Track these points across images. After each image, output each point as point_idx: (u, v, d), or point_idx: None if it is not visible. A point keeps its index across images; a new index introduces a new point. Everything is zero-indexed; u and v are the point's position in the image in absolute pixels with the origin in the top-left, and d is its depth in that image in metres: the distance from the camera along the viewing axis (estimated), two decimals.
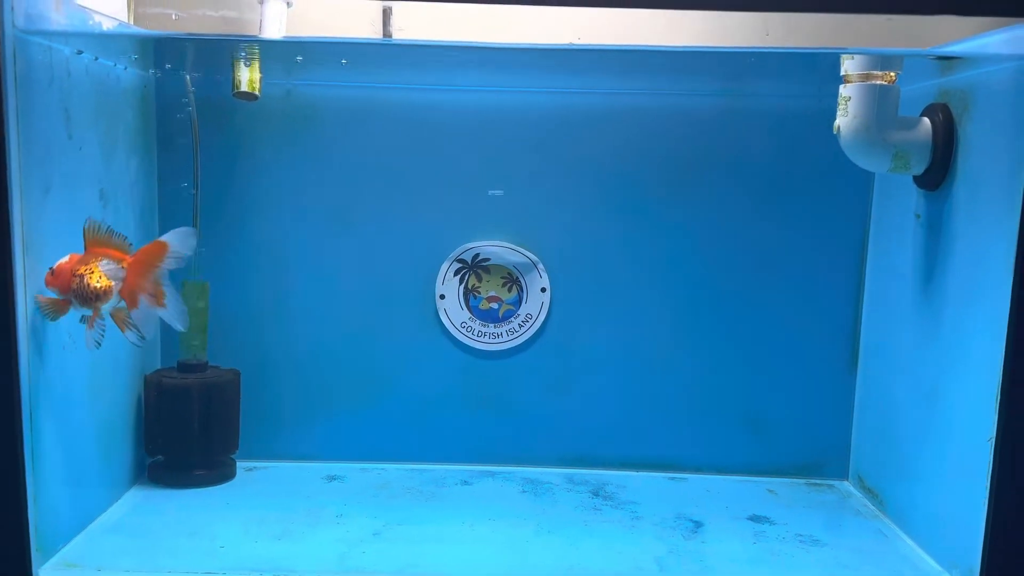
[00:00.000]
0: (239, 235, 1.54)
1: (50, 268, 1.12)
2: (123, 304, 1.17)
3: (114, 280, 1.15)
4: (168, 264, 1.18)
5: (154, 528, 1.32)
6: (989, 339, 1.15)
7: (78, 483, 1.28)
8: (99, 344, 1.16)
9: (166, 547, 1.26)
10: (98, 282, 1.12)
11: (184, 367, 1.50)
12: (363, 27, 1.31)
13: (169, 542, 1.27)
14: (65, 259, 1.13)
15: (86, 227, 1.14)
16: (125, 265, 1.16)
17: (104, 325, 1.16)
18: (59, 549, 1.22)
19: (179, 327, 1.21)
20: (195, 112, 1.49)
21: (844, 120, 1.31)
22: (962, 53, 1.22)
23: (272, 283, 1.58)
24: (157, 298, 1.18)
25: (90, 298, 1.12)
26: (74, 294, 1.12)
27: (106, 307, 1.15)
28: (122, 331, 1.18)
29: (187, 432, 1.46)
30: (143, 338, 1.19)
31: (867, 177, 1.55)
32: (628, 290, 1.59)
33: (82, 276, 1.12)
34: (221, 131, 1.54)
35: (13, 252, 1.06)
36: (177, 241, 1.19)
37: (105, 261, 1.15)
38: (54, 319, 1.14)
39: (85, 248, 1.15)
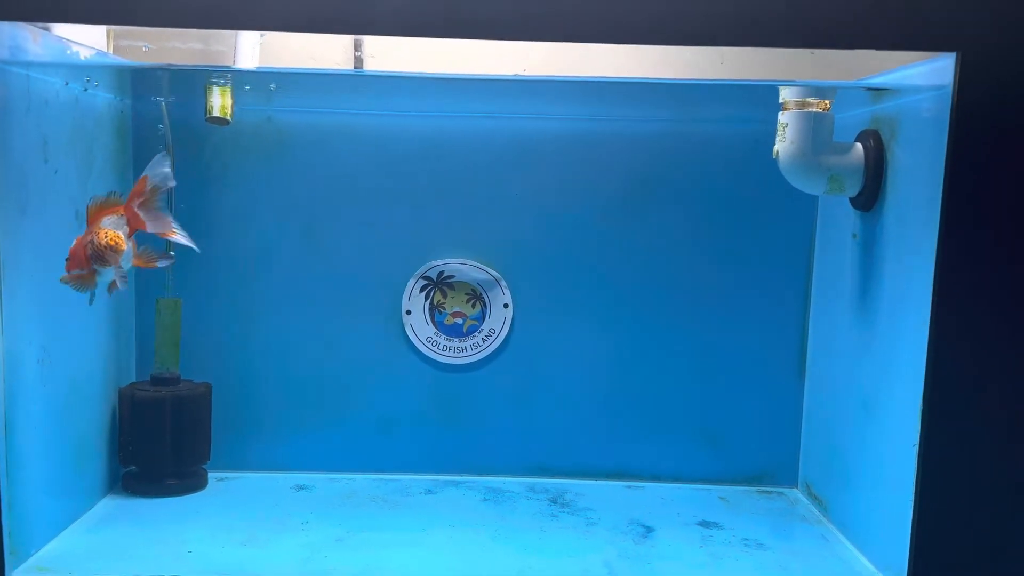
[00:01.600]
0: (212, 253, 1.57)
1: (65, 258, 1.19)
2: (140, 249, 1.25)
3: (119, 230, 1.21)
4: (159, 194, 1.26)
5: (125, 534, 1.37)
6: (915, 350, 1.21)
7: (53, 491, 1.33)
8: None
9: (136, 552, 1.31)
10: (105, 238, 1.19)
11: (157, 380, 1.54)
12: (337, 55, 1.37)
13: (139, 548, 1.32)
14: (73, 243, 1.20)
15: (88, 205, 1.22)
16: (122, 213, 1.23)
17: (126, 277, 1.23)
18: (32, 553, 1.27)
19: (195, 248, 1.30)
20: (170, 136, 1.56)
21: (782, 145, 1.39)
22: (888, 84, 1.30)
23: (243, 300, 1.63)
24: (164, 228, 1.26)
25: (106, 255, 1.19)
26: (94, 261, 1.18)
27: (125, 258, 1.21)
28: (154, 266, 1.27)
29: (160, 443, 1.51)
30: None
31: (812, 198, 1.62)
32: (587, 306, 1.65)
33: (91, 241, 1.18)
34: (195, 154, 1.60)
35: None
36: (154, 169, 1.26)
37: (105, 220, 1.21)
38: (87, 290, 1.21)
39: (88, 224, 1.22)
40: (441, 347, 1.66)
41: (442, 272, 1.65)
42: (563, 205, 1.63)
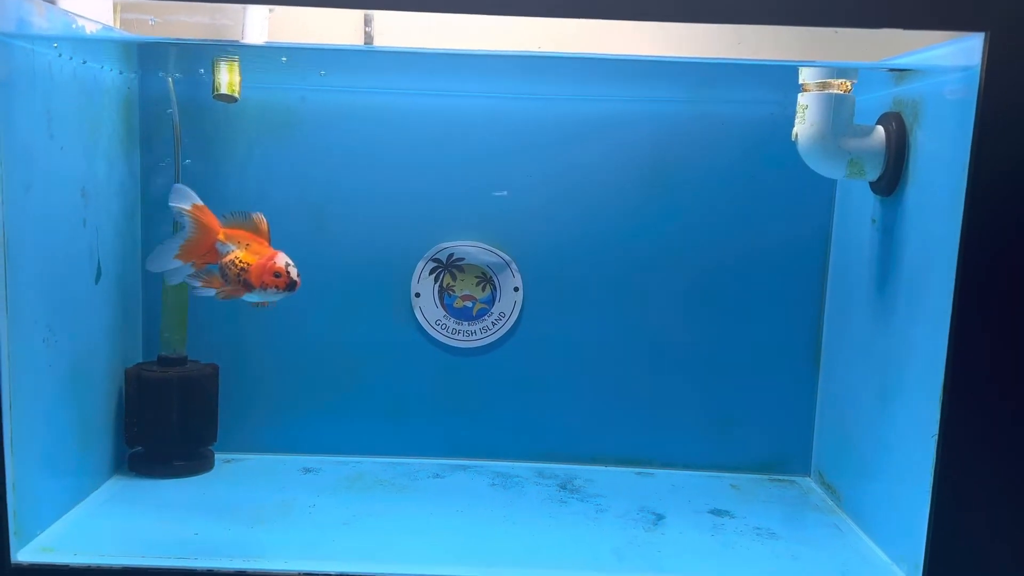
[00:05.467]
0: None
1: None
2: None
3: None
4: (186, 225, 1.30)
5: (131, 516, 1.36)
6: (934, 339, 1.18)
7: (58, 471, 1.32)
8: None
9: (141, 534, 1.29)
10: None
11: (164, 361, 1.53)
12: (345, 31, 1.34)
13: (145, 529, 1.31)
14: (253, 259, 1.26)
15: (231, 220, 1.28)
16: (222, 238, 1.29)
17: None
18: (37, 535, 1.26)
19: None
20: (177, 114, 1.53)
21: (802, 127, 1.35)
22: (912, 66, 1.27)
23: None
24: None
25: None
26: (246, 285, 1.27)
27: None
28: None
29: (166, 424, 1.49)
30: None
31: (829, 183, 1.59)
32: (598, 290, 1.62)
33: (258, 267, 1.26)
34: (202, 132, 1.57)
35: None
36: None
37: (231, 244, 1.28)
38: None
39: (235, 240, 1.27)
40: (450, 330, 1.63)
41: (452, 254, 1.62)
42: (576, 187, 1.61)
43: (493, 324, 1.63)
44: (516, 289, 1.62)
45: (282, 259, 1.24)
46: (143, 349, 1.61)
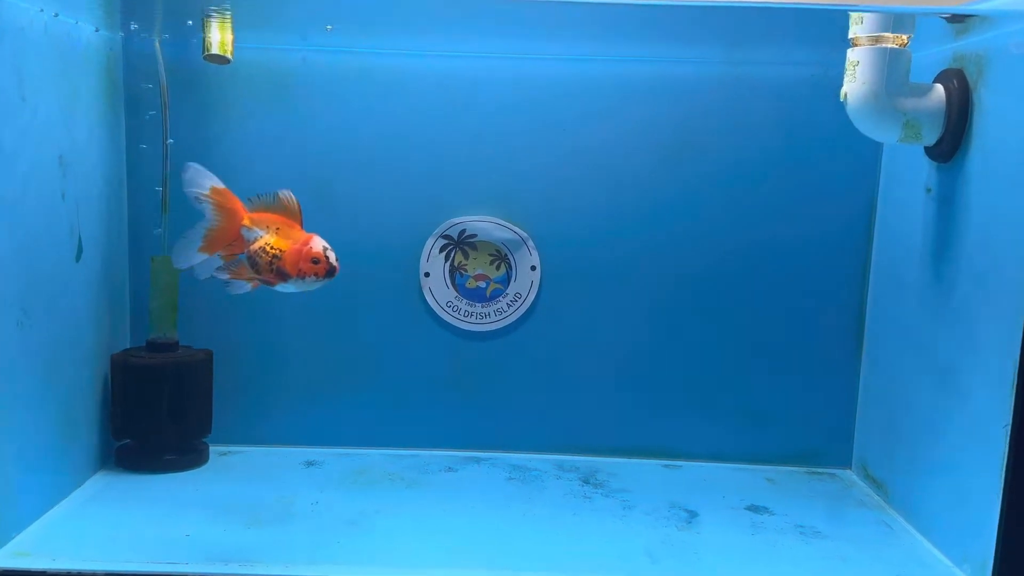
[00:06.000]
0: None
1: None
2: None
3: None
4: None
5: (116, 515, 1.25)
6: (1004, 319, 1.08)
7: (35, 467, 1.21)
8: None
9: (128, 535, 1.19)
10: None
11: (153, 346, 1.43)
12: None
13: (132, 530, 1.20)
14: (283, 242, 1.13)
15: (258, 203, 1.16)
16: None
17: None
18: (13, 536, 1.15)
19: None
20: (164, 76, 1.42)
21: (852, 86, 1.23)
22: (980, 12, 1.14)
23: None
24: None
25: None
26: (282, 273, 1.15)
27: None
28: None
29: (156, 415, 1.40)
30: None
31: (874, 151, 1.48)
32: (623, 269, 1.52)
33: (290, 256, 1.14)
34: (192, 97, 1.47)
35: None
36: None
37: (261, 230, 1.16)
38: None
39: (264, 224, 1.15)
40: (462, 313, 1.54)
41: (464, 231, 1.52)
42: (599, 158, 1.50)
43: (508, 306, 1.54)
44: (533, 268, 1.53)
45: (318, 243, 1.13)
46: (131, 334, 1.51)
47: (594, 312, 1.53)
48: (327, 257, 1.12)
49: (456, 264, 1.53)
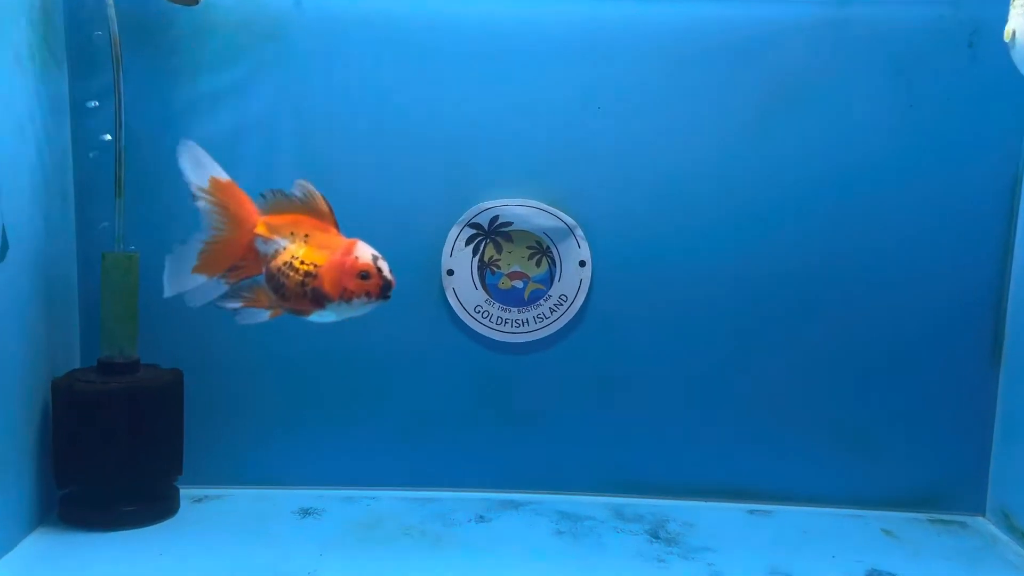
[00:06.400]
0: (178, 191, 1.18)
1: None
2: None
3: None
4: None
5: None
6: None
7: None
8: None
9: None
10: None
11: (107, 367, 1.21)
12: None
13: None
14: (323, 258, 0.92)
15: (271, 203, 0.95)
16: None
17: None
18: None
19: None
20: (115, 23, 1.17)
21: (1021, 22, 0.95)
22: None
23: None
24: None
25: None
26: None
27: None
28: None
29: (111, 454, 1.18)
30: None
31: (1017, 119, 1.25)
32: (695, 265, 1.31)
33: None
34: (152, 52, 1.26)
35: None
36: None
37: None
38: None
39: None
40: (495, 320, 1.33)
41: (496, 218, 1.32)
42: (664, 126, 1.29)
43: (552, 311, 1.33)
44: (582, 264, 1.32)
45: (365, 250, 0.91)
46: (80, 352, 1.31)
47: (658, 319, 1.33)
48: (379, 269, 0.91)
49: (487, 259, 1.33)
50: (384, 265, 0.90)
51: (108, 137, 1.19)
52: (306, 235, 0.91)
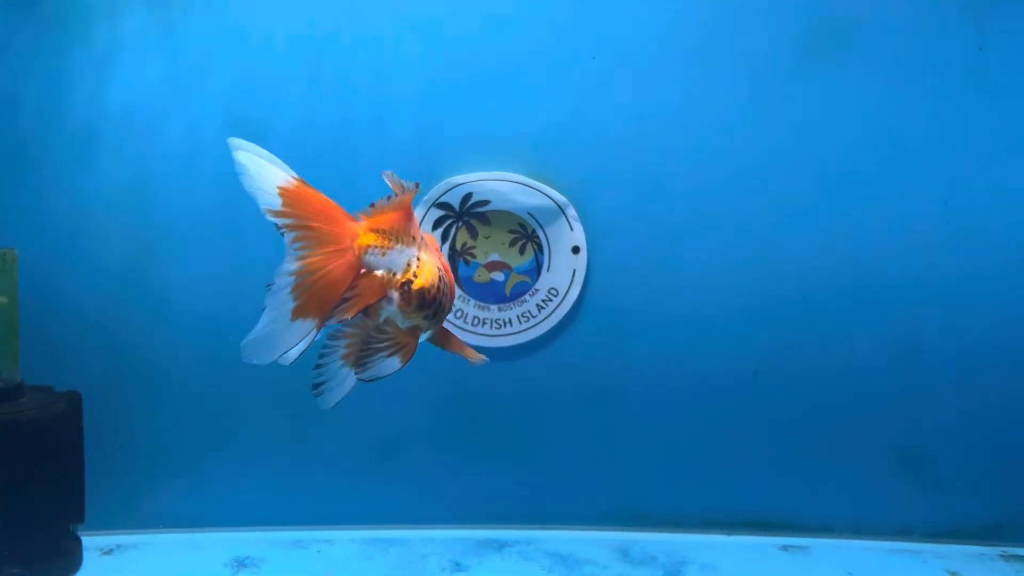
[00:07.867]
0: (65, 177, 1.12)
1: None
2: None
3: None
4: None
5: None
6: None
7: None
8: None
9: None
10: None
11: None
12: None
13: None
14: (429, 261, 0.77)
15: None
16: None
17: None
18: None
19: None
20: None
21: None
22: None
23: (129, 252, 1.16)
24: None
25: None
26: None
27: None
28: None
29: None
30: None
31: None
32: (713, 252, 1.18)
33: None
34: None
35: None
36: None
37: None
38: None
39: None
40: (470, 319, 1.21)
41: (469, 195, 1.19)
42: (674, 77, 1.13)
43: (539, 308, 1.21)
44: (576, 250, 1.20)
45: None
46: None
47: (668, 316, 1.19)
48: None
49: (459, 247, 1.21)
50: None
51: None
52: (419, 239, 0.75)
